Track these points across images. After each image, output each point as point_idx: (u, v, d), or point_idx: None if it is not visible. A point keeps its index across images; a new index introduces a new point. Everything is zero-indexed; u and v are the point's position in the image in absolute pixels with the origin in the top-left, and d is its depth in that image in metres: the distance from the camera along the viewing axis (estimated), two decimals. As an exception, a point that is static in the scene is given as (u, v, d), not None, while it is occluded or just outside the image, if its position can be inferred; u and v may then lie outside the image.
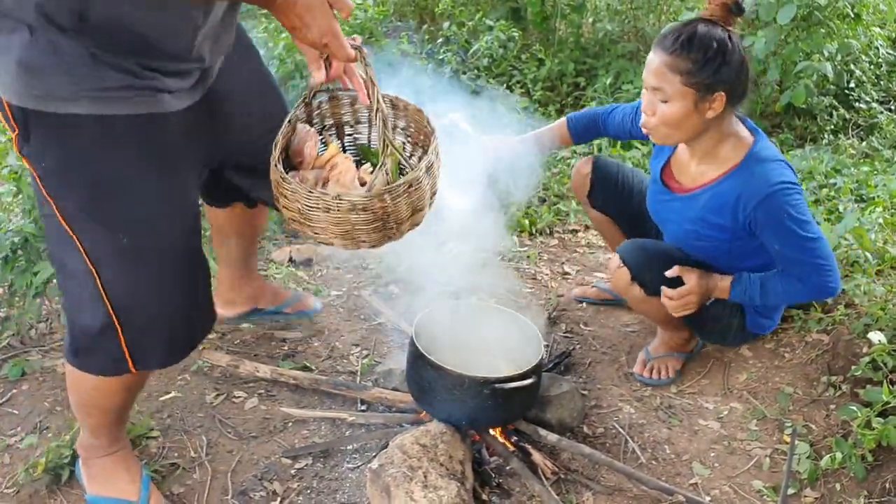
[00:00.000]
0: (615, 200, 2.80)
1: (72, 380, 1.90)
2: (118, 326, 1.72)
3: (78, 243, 1.64)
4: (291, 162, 1.85)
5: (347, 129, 2.03)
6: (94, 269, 1.66)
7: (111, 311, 1.70)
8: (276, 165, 1.69)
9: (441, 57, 4.05)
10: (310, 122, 1.92)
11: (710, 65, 2.13)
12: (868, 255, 2.84)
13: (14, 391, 2.46)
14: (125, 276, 1.69)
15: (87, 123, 1.55)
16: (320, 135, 1.94)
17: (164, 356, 1.85)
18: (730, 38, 2.17)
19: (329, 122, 1.99)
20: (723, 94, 2.17)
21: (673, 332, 2.66)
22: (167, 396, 2.47)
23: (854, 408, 2.24)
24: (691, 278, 2.34)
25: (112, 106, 1.55)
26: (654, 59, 2.19)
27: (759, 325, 2.60)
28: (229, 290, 2.71)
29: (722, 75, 2.15)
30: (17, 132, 1.56)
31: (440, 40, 4.02)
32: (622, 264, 2.43)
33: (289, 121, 1.80)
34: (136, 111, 1.58)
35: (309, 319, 2.88)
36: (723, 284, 2.38)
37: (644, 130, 2.32)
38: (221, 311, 2.71)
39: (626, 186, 2.79)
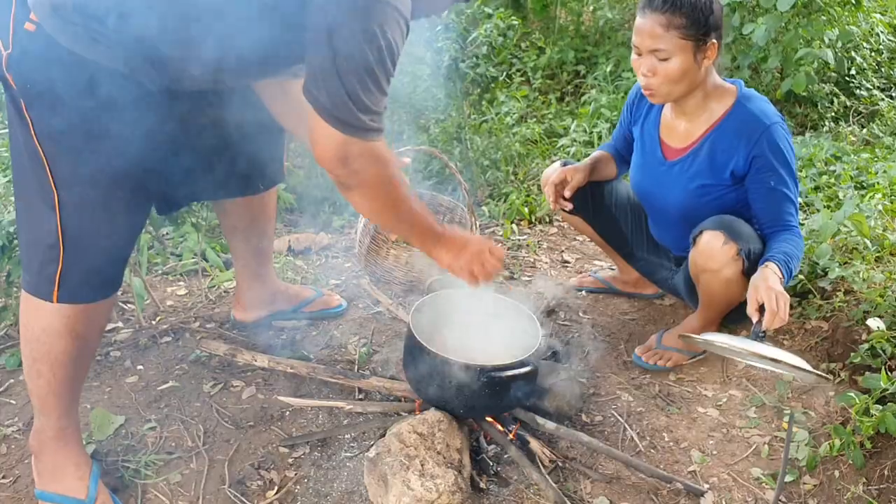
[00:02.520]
0: (586, 200, 2.80)
1: (24, 321, 1.93)
2: (61, 248, 1.79)
3: (45, 163, 1.72)
4: None
5: None
6: (54, 189, 1.74)
7: (59, 231, 1.77)
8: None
9: (440, 45, 4.02)
10: None
11: (702, 14, 2.25)
12: (867, 241, 2.83)
13: (11, 381, 2.46)
14: (79, 200, 1.78)
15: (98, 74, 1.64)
16: None
17: (86, 289, 1.89)
18: None
19: None
20: (714, 41, 2.31)
21: (713, 321, 2.62)
22: (165, 386, 2.46)
23: (852, 395, 2.23)
24: (760, 288, 2.15)
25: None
26: (647, 21, 2.28)
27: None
28: (246, 294, 2.71)
29: (711, 23, 2.28)
30: (9, 51, 1.62)
31: (438, 28, 3.99)
32: (728, 240, 2.31)
33: None
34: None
35: (333, 318, 2.87)
36: (774, 273, 2.22)
37: (646, 93, 2.39)
38: (241, 315, 2.72)
39: (596, 187, 2.82)
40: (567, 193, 2.66)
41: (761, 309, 2.10)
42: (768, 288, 2.11)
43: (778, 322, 2.07)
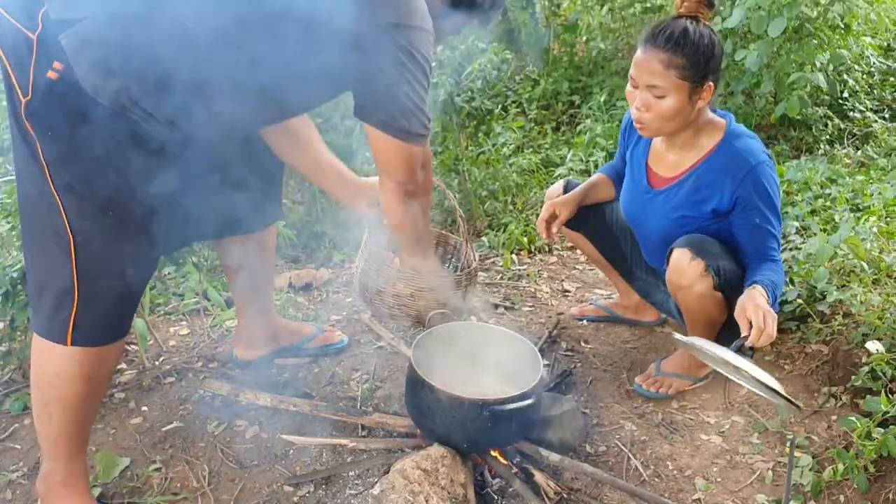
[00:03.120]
0: (589, 217, 2.84)
1: (36, 365, 1.94)
2: (76, 292, 1.82)
3: (61, 208, 1.75)
4: None
5: None
6: (70, 234, 1.77)
7: (74, 275, 1.80)
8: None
9: (435, 80, 4.07)
10: None
11: (703, 58, 2.27)
12: (864, 264, 2.85)
13: (16, 425, 2.47)
14: (95, 244, 1.81)
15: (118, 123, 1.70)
16: None
17: (100, 332, 1.91)
18: (711, 31, 2.32)
19: None
20: (711, 84, 2.33)
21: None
22: (169, 427, 2.47)
23: (854, 418, 2.24)
24: (748, 306, 2.18)
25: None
26: (647, 57, 2.30)
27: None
28: (248, 332, 2.73)
29: (711, 67, 2.31)
30: (29, 98, 1.66)
31: (434, 64, 4.05)
32: (695, 256, 2.36)
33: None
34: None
35: (335, 354, 2.88)
36: (761, 294, 2.25)
37: (637, 126, 2.42)
38: (243, 354, 2.74)
39: (598, 205, 2.87)
40: (554, 229, 2.73)
41: (751, 326, 2.13)
42: (756, 306, 2.15)
43: (765, 338, 2.10)
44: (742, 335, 2.13)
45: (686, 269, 2.36)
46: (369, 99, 1.85)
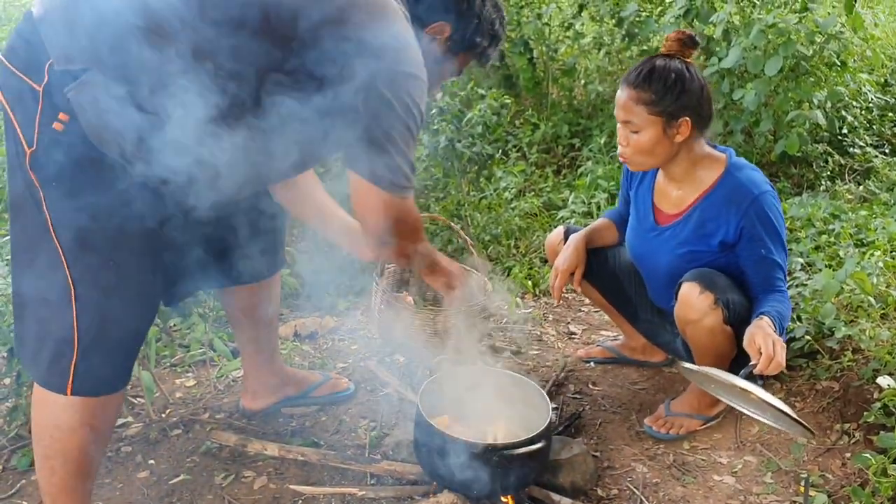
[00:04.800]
0: (591, 262, 2.82)
1: (37, 418, 1.94)
2: (76, 341, 1.81)
3: (63, 258, 1.76)
4: None
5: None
6: (71, 283, 1.77)
7: (75, 324, 1.80)
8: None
9: (435, 127, 4.11)
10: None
11: (671, 94, 2.33)
12: (871, 299, 2.84)
13: (23, 482, 2.45)
14: (96, 294, 1.81)
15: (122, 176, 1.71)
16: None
17: (99, 382, 1.90)
18: (687, 68, 2.37)
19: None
20: (687, 119, 2.36)
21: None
22: (176, 480, 2.45)
23: (868, 455, 2.21)
24: (757, 335, 2.19)
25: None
26: (622, 94, 2.39)
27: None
28: (254, 382, 2.71)
29: (683, 102, 2.35)
30: (34, 149, 1.68)
31: (434, 111, 4.09)
32: (704, 290, 2.36)
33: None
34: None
35: (340, 402, 2.86)
36: (769, 324, 2.26)
37: (621, 160, 2.48)
38: (250, 404, 2.72)
39: (600, 249, 2.87)
40: (578, 288, 2.81)
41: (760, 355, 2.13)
42: (765, 335, 2.15)
43: (774, 366, 2.09)
44: (751, 363, 2.13)
45: (695, 303, 2.36)
46: (355, 145, 1.81)
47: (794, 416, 1.89)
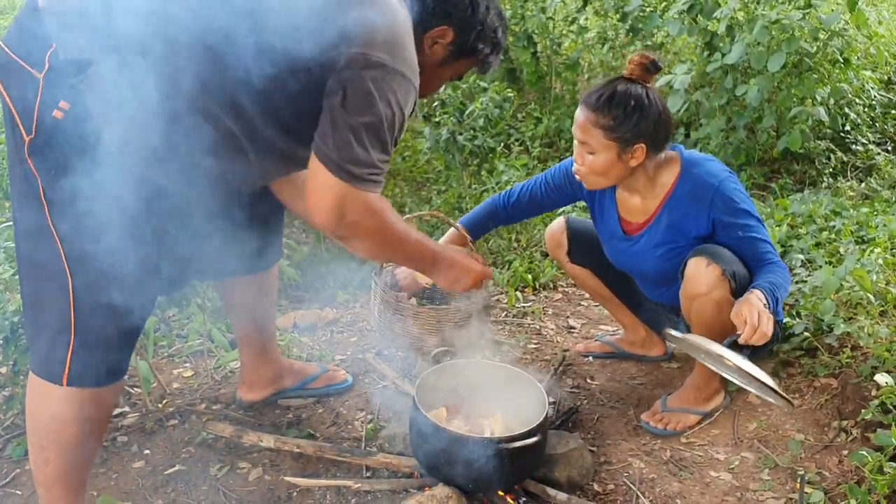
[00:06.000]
0: (594, 252, 2.83)
1: (32, 408, 1.93)
2: (72, 331, 1.81)
3: (60, 248, 1.76)
4: None
5: None
6: (68, 273, 1.77)
7: (71, 314, 1.79)
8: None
9: (437, 119, 4.11)
10: None
11: (629, 120, 2.31)
12: (870, 296, 2.83)
13: (17, 471, 2.45)
14: (93, 284, 1.80)
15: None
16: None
17: (96, 372, 1.89)
18: (647, 94, 2.35)
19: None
20: (643, 145, 2.36)
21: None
22: (171, 470, 2.45)
23: (865, 453, 2.21)
24: (743, 307, 2.19)
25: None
26: (580, 114, 2.37)
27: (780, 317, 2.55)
28: (251, 373, 2.71)
29: (640, 129, 2.33)
30: (32, 136, 1.68)
31: (436, 104, 4.09)
32: (711, 262, 2.34)
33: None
34: None
35: (337, 394, 2.85)
36: (759, 298, 2.25)
37: (577, 177, 2.48)
38: (246, 395, 2.72)
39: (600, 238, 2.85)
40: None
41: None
42: (751, 306, 2.16)
43: (759, 336, 2.10)
44: (736, 332, 2.14)
45: (703, 276, 2.35)
46: (327, 131, 1.74)
47: (774, 385, 1.93)
